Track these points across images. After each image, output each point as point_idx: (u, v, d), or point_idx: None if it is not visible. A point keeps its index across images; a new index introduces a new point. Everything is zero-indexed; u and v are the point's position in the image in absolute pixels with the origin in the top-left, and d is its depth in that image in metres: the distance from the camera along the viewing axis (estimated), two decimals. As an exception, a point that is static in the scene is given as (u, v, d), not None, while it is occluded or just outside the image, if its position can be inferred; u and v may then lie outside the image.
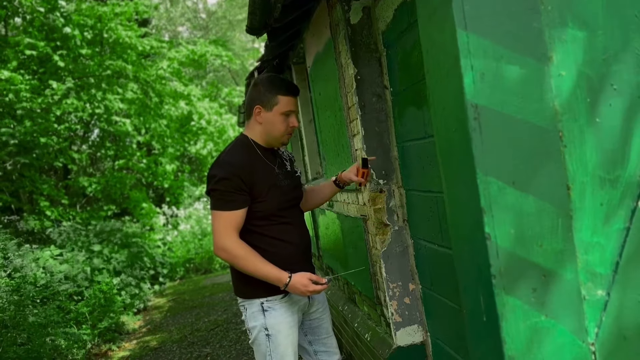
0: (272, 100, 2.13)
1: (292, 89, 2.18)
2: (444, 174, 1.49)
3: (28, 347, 4.45)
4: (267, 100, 2.14)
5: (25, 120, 8.86)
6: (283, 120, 2.15)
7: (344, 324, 3.71)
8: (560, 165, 1.35)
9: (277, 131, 2.16)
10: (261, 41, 19.24)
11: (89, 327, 5.66)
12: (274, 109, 2.14)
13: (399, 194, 2.59)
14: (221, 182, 2.04)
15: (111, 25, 9.37)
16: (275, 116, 2.14)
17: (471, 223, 1.36)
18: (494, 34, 1.33)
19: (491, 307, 1.33)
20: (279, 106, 2.14)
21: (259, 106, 2.15)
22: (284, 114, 2.15)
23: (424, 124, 2.10)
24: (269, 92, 2.13)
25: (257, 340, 2.15)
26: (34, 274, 5.69)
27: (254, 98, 2.17)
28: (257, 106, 2.16)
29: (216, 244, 2.07)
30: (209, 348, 5.14)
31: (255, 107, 2.16)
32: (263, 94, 2.14)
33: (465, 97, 1.30)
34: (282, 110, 2.14)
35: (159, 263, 9.45)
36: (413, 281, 2.59)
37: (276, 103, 2.13)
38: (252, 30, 2.91)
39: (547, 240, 1.34)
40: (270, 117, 2.14)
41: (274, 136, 2.18)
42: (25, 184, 9.15)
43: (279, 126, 2.16)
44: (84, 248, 7.47)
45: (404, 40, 2.18)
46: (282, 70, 4.94)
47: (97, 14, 9.24)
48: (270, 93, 2.13)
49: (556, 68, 1.37)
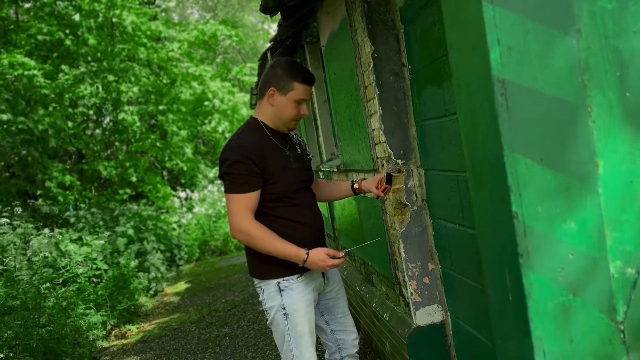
0: (287, 86, 2.13)
1: (309, 78, 2.17)
2: (468, 152, 1.46)
3: (50, 329, 4.54)
4: (283, 85, 2.13)
5: (39, 107, 8.91)
6: (295, 106, 2.16)
7: (362, 304, 3.72)
8: (589, 141, 1.32)
9: (286, 116, 2.17)
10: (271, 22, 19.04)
11: (108, 309, 5.75)
12: (289, 94, 2.14)
13: (417, 174, 2.56)
14: (234, 165, 2.05)
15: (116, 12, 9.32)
16: (288, 101, 2.15)
17: (497, 202, 1.33)
18: (521, 7, 1.28)
19: (518, 286, 1.31)
20: (293, 92, 2.14)
21: (273, 88, 2.15)
22: (297, 101, 2.15)
23: (444, 102, 2.06)
24: (286, 76, 2.13)
25: (275, 320, 2.17)
26: (54, 257, 5.77)
27: (270, 80, 2.16)
28: (272, 88, 2.15)
29: (233, 226, 2.09)
30: (227, 328, 5.20)
31: (270, 89, 2.16)
32: (280, 77, 2.14)
33: (492, 72, 1.27)
34: (296, 98, 2.14)
35: (175, 245, 9.54)
36: (432, 261, 2.58)
37: (291, 89, 2.13)
38: (267, 9, 2.87)
39: (576, 218, 1.31)
40: (283, 102, 2.15)
41: (283, 120, 2.18)
42: (36, 170, 9.24)
43: (289, 112, 2.16)
44: (102, 231, 7.56)
45: (423, 16, 2.13)
46: (295, 50, 4.89)
47: None
48: (287, 78, 2.13)
49: (585, 41, 1.33)
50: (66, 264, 5.82)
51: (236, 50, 21.65)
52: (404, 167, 2.56)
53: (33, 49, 9.33)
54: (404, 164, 2.56)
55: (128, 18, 9.42)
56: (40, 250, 5.77)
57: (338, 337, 2.40)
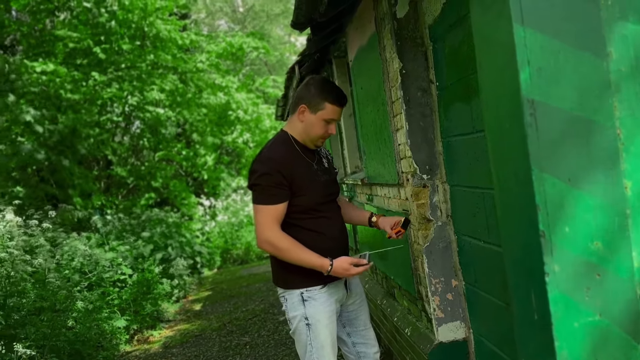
0: (319, 105, 2.18)
1: (341, 100, 2.22)
2: (496, 170, 1.48)
3: (76, 331, 4.63)
4: (315, 103, 2.18)
5: (68, 112, 9.17)
6: (323, 126, 2.21)
7: (383, 318, 3.72)
8: (617, 162, 1.33)
9: (314, 134, 2.22)
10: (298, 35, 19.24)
11: (131, 314, 5.84)
12: (319, 113, 2.19)
13: (442, 190, 2.57)
14: (263, 177, 2.10)
15: (151, 20, 9.56)
16: (317, 120, 2.20)
17: (525, 220, 1.35)
18: (552, 28, 1.31)
19: (543, 305, 1.32)
20: (323, 112, 2.19)
21: (304, 106, 2.20)
22: (326, 120, 2.20)
23: (471, 119, 2.08)
24: (318, 96, 2.18)
25: (298, 330, 2.21)
26: (80, 262, 5.90)
27: (303, 96, 2.21)
28: (303, 105, 2.20)
29: (260, 237, 2.14)
30: (248, 337, 5.23)
31: (301, 106, 2.21)
32: (312, 96, 2.19)
33: (522, 92, 1.29)
34: (325, 117, 2.20)
35: (197, 253, 9.65)
36: (456, 277, 2.58)
37: (322, 108, 2.18)
38: (297, 25, 2.93)
39: (603, 239, 1.31)
40: (312, 120, 2.20)
41: (310, 137, 2.24)
42: (63, 175, 9.48)
43: (317, 130, 2.21)
44: (127, 236, 7.70)
45: (452, 34, 2.16)
46: (323, 64, 4.95)
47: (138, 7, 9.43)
48: (319, 97, 2.18)
49: (615, 64, 1.34)
50: (92, 268, 5.94)
51: (263, 62, 21.92)
52: (429, 183, 2.57)
53: (66, 57, 9.62)
54: (429, 179, 2.57)
55: (160, 27, 9.64)
56: (69, 254, 5.90)
57: (359, 350, 2.41)
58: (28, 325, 4.24)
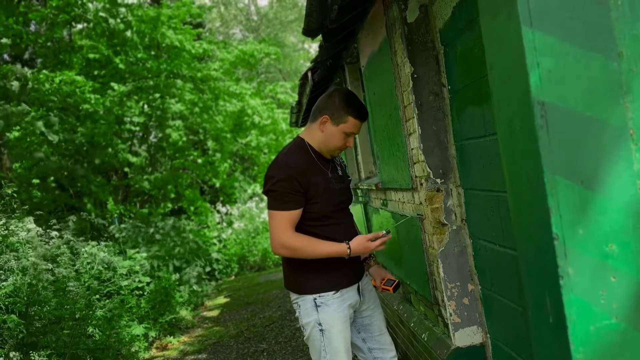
0: (342, 117, 2.20)
1: (363, 115, 2.24)
2: (508, 173, 1.47)
3: (96, 339, 4.69)
4: (338, 115, 2.20)
5: (87, 122, 9.32)
6: (343, 138, 2.23)
7: (400, 323, 3.70)
8: (630, 164, 1.31)
9: (333, 144, 2.24)
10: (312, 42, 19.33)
11: (150, 321, 5.89)
12: (340, 125, 2.21)
13: (456, 193, 2.56)
14: (279, 183, 2.11)
15: (163, 31, 9.68)
16: (338, 132, 2.22)
17: (538, 223, 1.34)
18: (561, 30, 1.30)
19: (558, 308, 1.31)
20: (345, 125, 2.21)
21: (327, 116, 2.21)
22: (347, 133, 2.22)
23: (484, 122, 2.07)
24: (342, 108, 2.20)
25: (312, 336, 2.21)
26: (99, 270, 5.98)
27: (326, 107, 2.23)
28: (325, 115, 2.22)
29: (275, 242, 2.15)
30: (265, 344, 5.24)
31: (324, 116, 2.22)
32: (336, 108, 2.20)
33: (532, 94, 1.28)
34: (346, 130, 2.21)
35: (214, 260, 9.71)
36: (472, 282, 2.56)
37: (344, 121, 2.20)
38: (309, 32, 2.95)
39: (617, 241, 1.30)
40: (333, 131, 2.22)
41: (328, 148, 2.25)
42: (80, 183, 9.62)
43: (336, 141, 2.23)
44: (144, 244, 7.77)
45: (463, 38, 2.16)
46: (335, 70, 4.97)
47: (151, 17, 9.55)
48: (342, 110, 2.20)
49: (627, 64, 1.33)
50: (111, 276, 6.02)
51: (277, 69, 22.05)
52: (443, 187, 2.57)
53: (84, 68, 9.80)
54: (443, 183, 2.57)
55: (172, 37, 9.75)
56: (90, 262, 5.99)
57: (376, 355, 2.40)
58: (49, 333, 4.31)
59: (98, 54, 9.27)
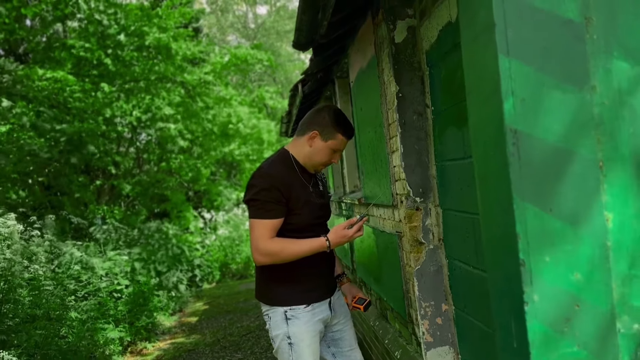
0: (331, 134, 2.23)
1: (351, 133, 2.30)
2: (481, 197, 1.49)
3: (69, 340, 4.63)
4: (327, 132, 2.24)
5: (75, 121, 9.25)
6: (329, 153, 2.27)
7: (375, 339, 3.70)
8: (599, 195, 1.34)
9: (319, 160, 2.27)
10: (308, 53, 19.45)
11: (126, 325, 5.82)
12: (329, 142, 2.24)
13: (435, 213, 2.58)
14: (261, 192, 2.12)
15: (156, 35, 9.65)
16: (325, 148, 2.25)
17: (506, 248, 1.36)
18: (537, 61, 1.33)
19: (522, 334, 1.32)
20: (333, 142, 2.25)
21: (317, 132, 2.24)
22: (333, 149, 2.26)
23: (463, 145, 2.10)
24: (332, 125, 2.23)
25: (280, 349, 2.21)
26: (77, 270, 5.91)
27: (316, 122, 2.25)
28: (315, 131, 2.24)
29: (257, 250, 2.13)
30: (240, 354, 5.20)
31: (313, 131, 2.24)
32: (326, 124, 2.24)
33: (505, 122, 1.31)
34: (334, 147, 2.25)
35: (196, 266, 9.64)
36: (446, 302, 2.58)
37: (333, 138, 2.24)
38: (299, 46, 2.98)
39: (583, 270, 1.32)
40: (321, 146, 2.25)
41: (313, 162, 2.28)
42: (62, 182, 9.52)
43: (323, 157, 2.26)
44: (125, 247, 7.70)
45: (447, 61, 2.19)
46: (326, 83, 5.00)
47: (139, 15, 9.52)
48: (332, 127, 2.23)
49: (599, 97, 1.36)
50: (89, 277, 5.95)
51: (271, 78, 22.10)
52: (422, 205, 2.58)
53: (74, 66, 9.75)
54: (422, 202, 2.58)
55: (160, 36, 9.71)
56: (67, 262, 5.92)
57: None
58: (21, 332, 4.24)
59: (89, 53, 9.24)
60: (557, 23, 1.34)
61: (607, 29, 1.37)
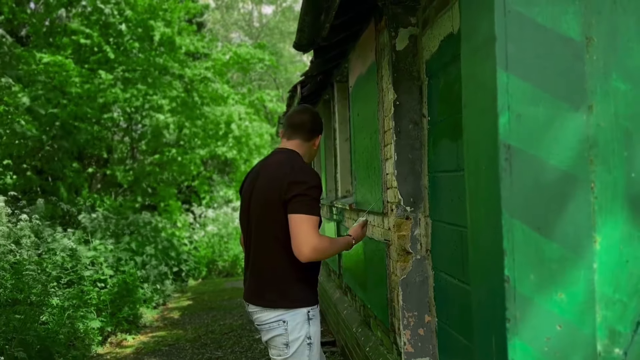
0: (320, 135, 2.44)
1: None
2: (470, 210, 1.48)
3: (48, 327, 4.58)
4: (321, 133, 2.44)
5: (71, 105, 9.20)
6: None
7: (356, 346, 3.68)
8: (589, 216, 1.33)
9: (313, 158, 2.46)
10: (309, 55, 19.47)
11: (108, 315, 5.77)
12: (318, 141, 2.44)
13: (424, 223, 2.57)
14: (313, 189, 2.11)
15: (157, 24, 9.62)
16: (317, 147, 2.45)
17: (491, 263, 1.35)
18: (535, 77, 1.32)
19: (502, 350, 1.31)
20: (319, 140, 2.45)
21: (320, 136, 2.41)
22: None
23: (457, 157, 2.09)
24: (322, 127, 2.45)
25: (299, 352, 2.11)
26: (62, 257, 5.86)
27: (319, 128, 2.40)
28: (319, 135, 2.40)
29: (306, 245, 2.01)
30: (221, 352, 5.16)
31: (319, 136, 2.40)
32: (321, 128, 2.43)
33: (499, 136, 1.30)
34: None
35: (183, 261, 9.59)
36: (429, 313, 2.56)
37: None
38: (300, 47, 2.97)
39: (567, 290, 1.31)
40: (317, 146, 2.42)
41: (309, 161, 2.42)
42: (55, 167, 9.47)
43: (314, 155, 2.46)
44: (113, 237, 7.65)
45: (447, 72, 2.19)
46: (325, 86, 4.99)
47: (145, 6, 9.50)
48: (322, 128, 2.46)
49: (595, 118, 1.35)
50: (74, 264, 5.90)
51: (272, 78, 22.10)
52: (412, 215, 2.57)
53: (74, 52, 9.70)
54: (412, 212, 2.57)
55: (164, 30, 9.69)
56: (53, 249, 5.87)
57: None
58: (1, 315, 4.19)
59: (89, 40, 9.21)
60: (557, 41, 1.34)
61: (608, 50, 1.36)
